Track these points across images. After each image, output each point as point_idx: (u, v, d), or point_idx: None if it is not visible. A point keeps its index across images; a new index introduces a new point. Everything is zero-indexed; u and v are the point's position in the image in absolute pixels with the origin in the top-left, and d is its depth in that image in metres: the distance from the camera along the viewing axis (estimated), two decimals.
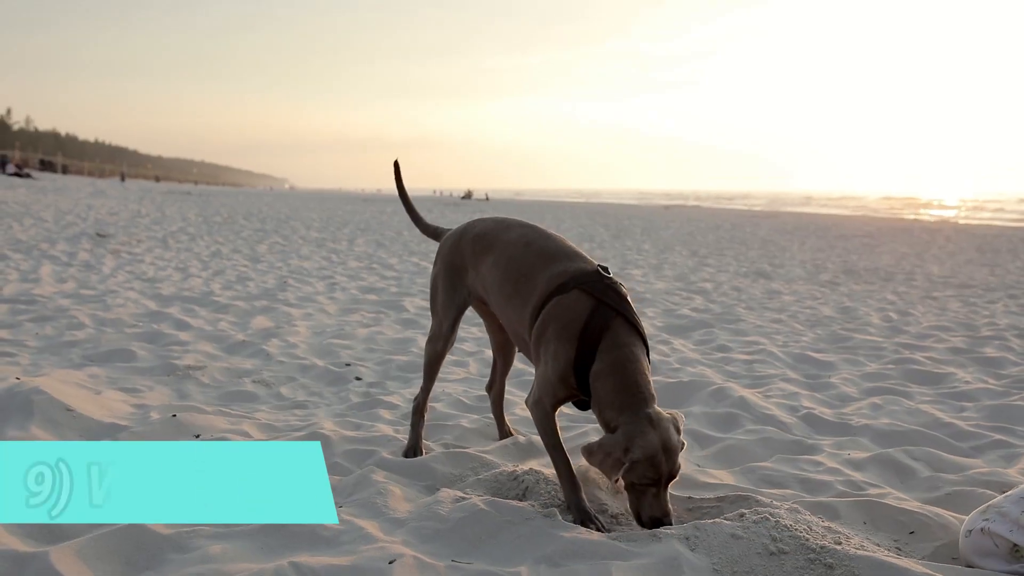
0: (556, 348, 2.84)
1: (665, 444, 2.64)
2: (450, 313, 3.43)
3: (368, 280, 10.00)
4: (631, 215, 35.37)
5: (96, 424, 3.61)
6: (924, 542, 2.81)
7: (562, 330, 2.84)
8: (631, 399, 2.71)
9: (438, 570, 2.39)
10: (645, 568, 2.41)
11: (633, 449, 2.60)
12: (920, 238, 22.76)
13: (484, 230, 3.33)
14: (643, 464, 2.60)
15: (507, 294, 3.13)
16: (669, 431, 2.68)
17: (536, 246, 3.12)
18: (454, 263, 3.40)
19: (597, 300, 2.84)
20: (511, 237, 3.21)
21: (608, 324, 2.80)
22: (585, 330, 2.80)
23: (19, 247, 11.44)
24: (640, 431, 2.63)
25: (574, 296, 2.87)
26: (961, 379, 5.26)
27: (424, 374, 3.54)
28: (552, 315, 2.89)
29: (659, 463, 2.62)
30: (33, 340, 5.48)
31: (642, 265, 13.19)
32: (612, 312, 2.82)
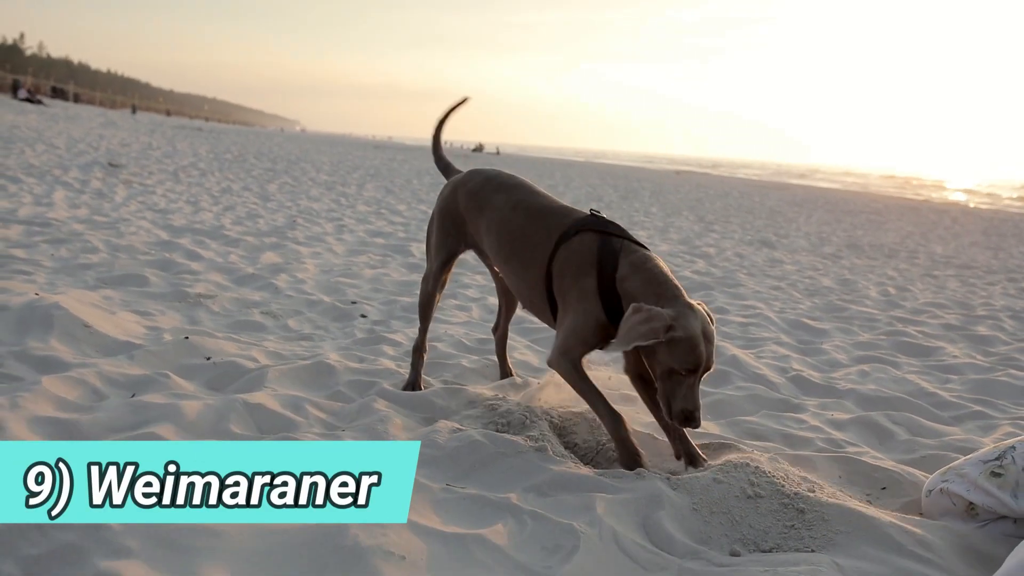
0: (580, 286, 2.91)
1: (705, 331, 2.69)
2: (440, 256, 3.54)
3: (376, 224, 10.12)
4: (641, 178, 35.34)
5: (112, 341, 3.76)
6: (894, 497, 2.96)
7: (578, 267, 2.92)
8: (665, 289, 2.77)
9: (433, 491, 2.54)
10: (627, 502, 2.55)
11: (676, 327, 2.62)
12: (927, 218, 22.79)
13: (476, 187, 3.41)
14: (684, 344, 2.62)
15: (505, 257, 3.24)
16: (707, 321, 2.73)
17: (524, 206, 3.21)
18: (448, 211, 3.50)
19: (602, 234, 2.94)
20: (499, 201, 3.29)
21: (620, 247, 2.90)
22: (601, 257, 2.88)
23: (32, 171, 11.53)
24: (683, 313, 2.67)
25: (578, 238, 2.96)
26: (950, 353, 5.39)
27: (420, 314, 3.66)
28: (564, 261, 2.97)
29: (699, 348, 2.64)
30: (49, 261, 5.62)
31: (648, 227, 13.28)
32: (619, 239, 2.93)
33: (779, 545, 2.47)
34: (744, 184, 39.82)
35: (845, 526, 2.52)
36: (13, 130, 20.40)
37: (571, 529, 2.33)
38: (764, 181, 48.21)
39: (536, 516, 2.41)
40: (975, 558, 2.47)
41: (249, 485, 1.93)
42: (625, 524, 2.46)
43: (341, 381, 3.60)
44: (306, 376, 3.61)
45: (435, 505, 2.48)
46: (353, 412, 3.23)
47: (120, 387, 3.22)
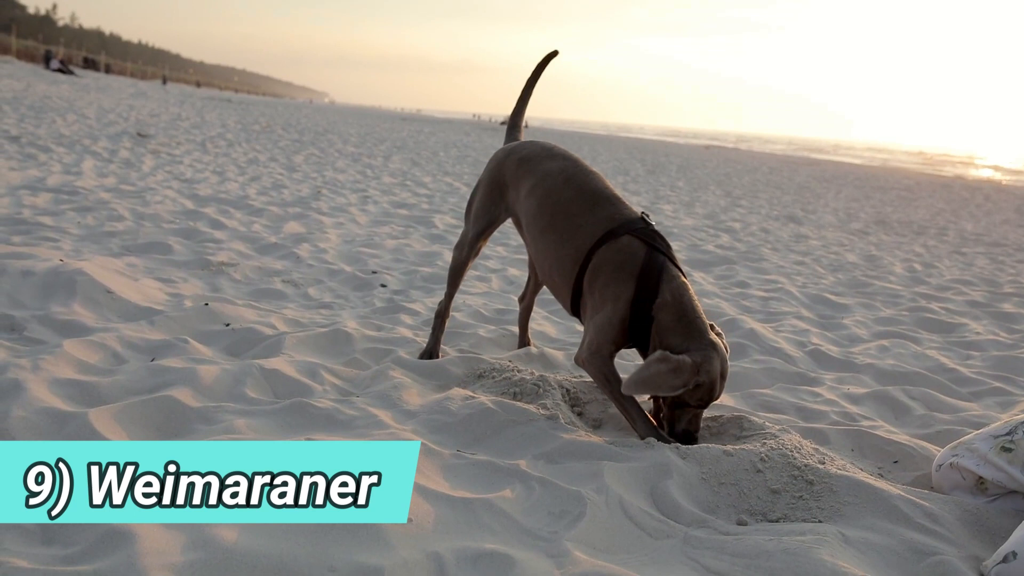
0: (616, 290, 2.93)
1: (723, 371, 2.82)
2: (479, 224, 3.51)
3: (400, 196, 10.15)
4: (669, 152, 35.13)
5: (133, 307, 3.82)
6: (906, 471, 2.95)
7: (618, 271, 2.94)
8: (694, 327, 2.84)
9: (443, 456, 2.57)
10: (635, 470, 2.57)
11: (701, 373, 2.74)
12: (959, 195, 22.50)
13: (529, 154, 3.38)
14: (704, 388, 2.77)
15: (541, 227, 3.20)
16: (726, 359, 2.85)
17: (576, 182, 3.18)
18: (496, 179, 3.47)
19: (648, 245, 2.96)
20: (552, 167, 3.26)
21: (664, 265, 2.93)
22: (643, 271, 2.90)
23: (62, 141, 11.65)
24: (707, 357, 2.77)
25: (626, 241, 2.97)
26: (973, 330, 5.35)
27: (448, 280, 3.64)
28: (606, 259, 2.98)
29: (715, 389, 2.80)
30: (75, 228, 5.69)
31: (674, 201, 13.23)
32: (662, 256, 2.96)
33: (787, 515, 2.48)
34: (774, 159, 39.47)
35: (853, 497, 2.52)
36: (45, 100, 20.60)
37: (578, 495, 2.36)
38: (794, 157, 47.72)
39: (544, 482, 2.44)
40: (983, 531, 2.47)
41: (249, 485, 1.91)
42: (632, 492, 2.48)
43: (358, 348, 3.64)
44: (323, 343, 3.65)
45: (444, 470, 2.51)
46: (368, 379, 3.27)
47: (140, 351, 3.28)
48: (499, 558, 2.00)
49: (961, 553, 2.30)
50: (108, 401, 2.74)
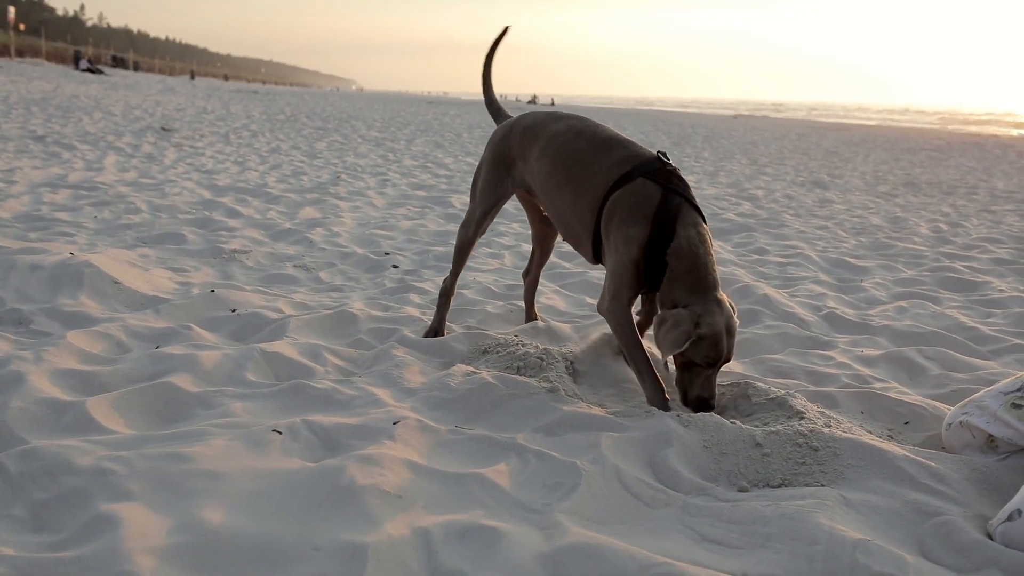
0: (629, 232, 2.86)
1: (729, 327, 2.75)
2: (486, 202, 3.48)
3: (420, 178, 10.14)
4: (697, 124, 34.78)
5: (140, 296, 3.84)
6: (916, 432, 2.90)
7: (631, 213, 2.86)
8: (701, 281, 2.78)
9: (439, 433, 2.55)
10: (634, 440, 2.54)
11: (702, 325, 2.68)
12: (991, 153, 22.07)
13: (534, 121, 3.35)
14: (708, 342, 2.69)
15: (557, 182, 3.14)
16: (732, 316, 2.79)
17: (587, 134, 3.14)
18: (502, 154, 3.43)
19: (664, 186, 2.87)
20: (559, 127, 3.22)
21: (680, 207, 2.84)
22: (659, 213, 2.83)
23: (87, 139, 11.76)
24: (709, 310, 2.72)
25: (640, 183, 2.89)
26: (996, 288, 5.24)
27: (454, 259, 3.61)
28: (620, 202, 2.91)
29: (721, 344, 2.72)
30: (92, 223, 5.74)
31: (697, 172, 13.09)
32: (679, 197, 2.87)
33: (789, 481, 2.43)
34: (803, 126, 38.95)
35: (857, 460, 2.47)
36: (73, 99, 20.84)
37: (573, 467, 2.33)
38: (823, 123, 47.04)
39: (540, 455, 2.41)
40: (990, 490, 2.41)
41: None
42: (630, 461, 2.44)
43: (363, 329, 3.63)
44: (328, 325, 3.65)
45: (440, 446, 2.50)
46: (371, 359, 3.26)
47: (144, 340, 3.29)
48: (487, 532, 1.98)
49: (967, 513, 2.25)
50: (109, 390, 2.75)
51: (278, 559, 1.84)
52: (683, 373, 2.81)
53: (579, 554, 1.89)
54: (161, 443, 2.35)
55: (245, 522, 1.95)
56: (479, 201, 3.50)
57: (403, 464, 2.27)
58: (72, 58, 58.54)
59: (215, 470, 2.17)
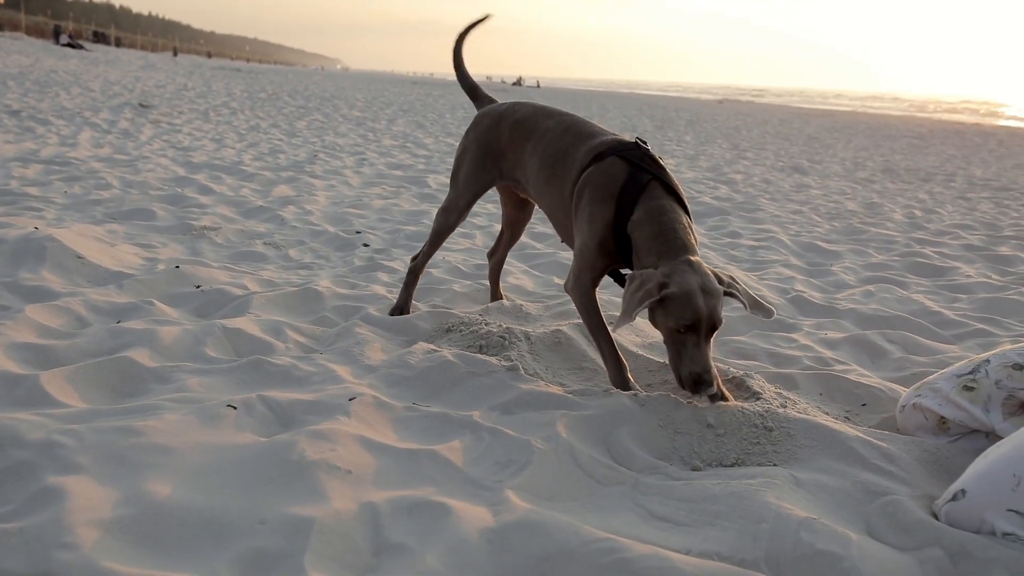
0: (592, 211, 2.82)
1: (704, 285, 2.55)
2: (470, 190, 3.41)
3: (398, 158, 10.10)
4: (680, 108, 34.77)
5: (103, 271, 3.81)
6: (873, 413, 2.92)
7: (598, 192, 2.82)
8: (670, 245, 2.66)
9: (395, 409, 2.55)
10: (590, 419, 2.54)
11: (670, 284, 2.53)
12: (972, 141, 22.19)
13: (525, 116, 3.29)
14: (679, 301, 2.51)
15: (545, 177, 3.11)
16: (710, 276, 2.60)
17: (574, 129, 3.10)
18: (489, 144, 3.36)
19: (633, 165, 2.82)
20: (550, 124, 3.18)
21: (645, 185, 2.77)
22: (623, 191, 2.77)
23: (63, 114, 11.65)
24: (678, 269, 2.57)
25: (610, 162, 2.85)
26: (964, 273, 5.28)
27: (429, 240, 3.55)
28: (588, 181, 2.87)
29: (696, 303, 2.51)
30: (61, 198, 5.69)
31: (678, 155, 13.10)
32: (648, 176, 2.80)
33: (742, 460, 2.45)
34: (786, 111, 39.00)
35: (810, 440, 2.50)
36: (51, 74, 20.62)
37: (527, 444, 2.34)
38: (807, 108, 47.11)
39: (495, 432, 2.42)
40: (940, 470, 2.44)
41: None
42: (585, 440, 2.45)
43: (328, 306, 3.62)
44: (293, 302, 3.64)
45: (395, 423, 2.50)
46: (333, 336, 3.26)
47: (105, 315, 3.27)
48: (435, 507, 1.98)
49: (915, 492, 2.27)
50: (65, 364, 2.73)
51: (223, 532, 1.84)
52: (670, 348, 2.61)
53: (523, 530, 1.90)
54: (113, 417, 2.35)
55: (192, 496, 1.95)
56: (463, 189, 3.43)
57: (356, 440, 2.27)
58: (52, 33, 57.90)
59: (166, 444, 2.16)
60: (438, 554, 1.82)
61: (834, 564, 1.89)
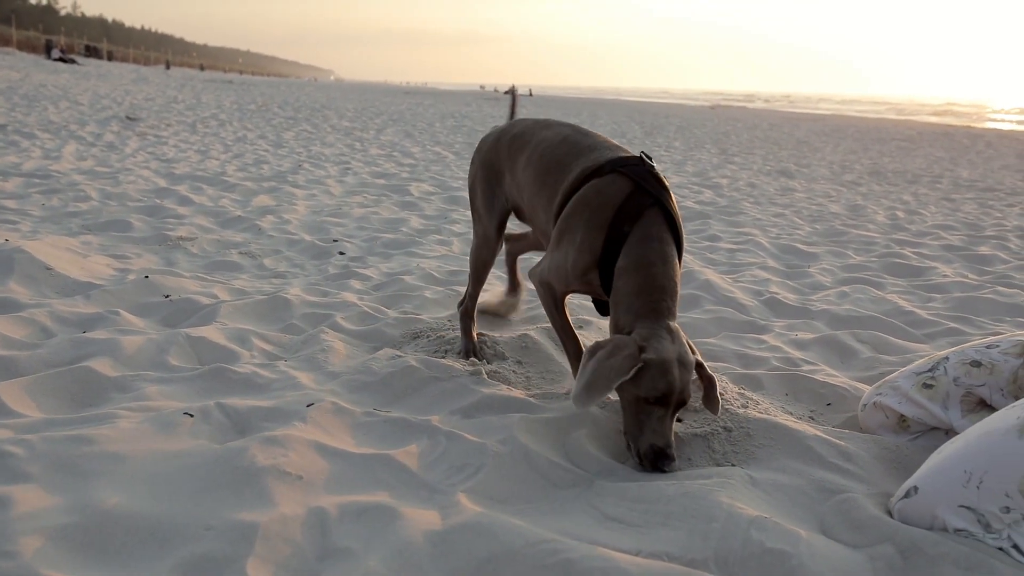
0: (584, 237, 2.58)
1: (681, 357, 2.37)
2: (493, 218, 3.15)
3: (383, 167, 10.10)
4: (671, 114, 34.83)
5: (72, 282, 3.81)
6: (837, 412, 2.92)
7: (592, 216, 2.57)
8: (652, 307, 2.44)
9: (354, 415, 2.55)
10: (548, 421, 2.54)
11: (648, 350, 2.32)
12: (960, 143, 22.24)
13: (522, 129, 3.07)
14: (655, 371, 2.31)
15: (536, 189, 2.87)
16: (686, 347, 2.42)
17: (571, 140, 2.85)
18: (492, 165, 3.13)
19: (635, 184, 2.56)
20: (547, 135, 2.94)
21: (642, 212, 2.53)
22: (617, 217, 2.53)
23: (49, 127, 11.65)
24: (657, 335, 2.37)
25: (610, 179, 2.59)
26: (940, 273, 5.28)
27: (471, 279, 3.26)
28: (583, 199, 2.61)
29: (672, 375, 2.32)
30: (38, 210, 5.68)
31: (666, 161, 13.12)
32: (649, 200, 2.54)
33: (699, 461, 2.45)
34: (777, 116, 39.09)
35: (769, 440, 2.50)
36: (40, 89, 20.63)
37: (483, 448, 2.33)
38: (797, 113, 47.20)
39: (452, 436, 2.41)
40: (899, 469, 2.44)
41: None
42: (542, 442, 2.44)
43: (296, 314, 3.62)
44: (262, 310, 3.64)
45: (353, 429, 2.49)
46: (299, 343, 3.25)
47: (70, 325, 3.27)
48: (384, 510, 1.97)
49: (871, 491, 2.26)
50: (25, 374, 2.73)
51: (168, 539, 1.83)
52: (630, 417, 2.40)
53: (469, 532, 1.89)
54: (68, 426, 2.34)
55: (140, 503, 1.94)
56: (486, 221, 3.17)
57: (309, 446, 2.26)
58: (44, 47, 57.96)
59: (118, 452, 2.16)
60: (381, 557, 1.81)
61: (783, 562, 1.88)
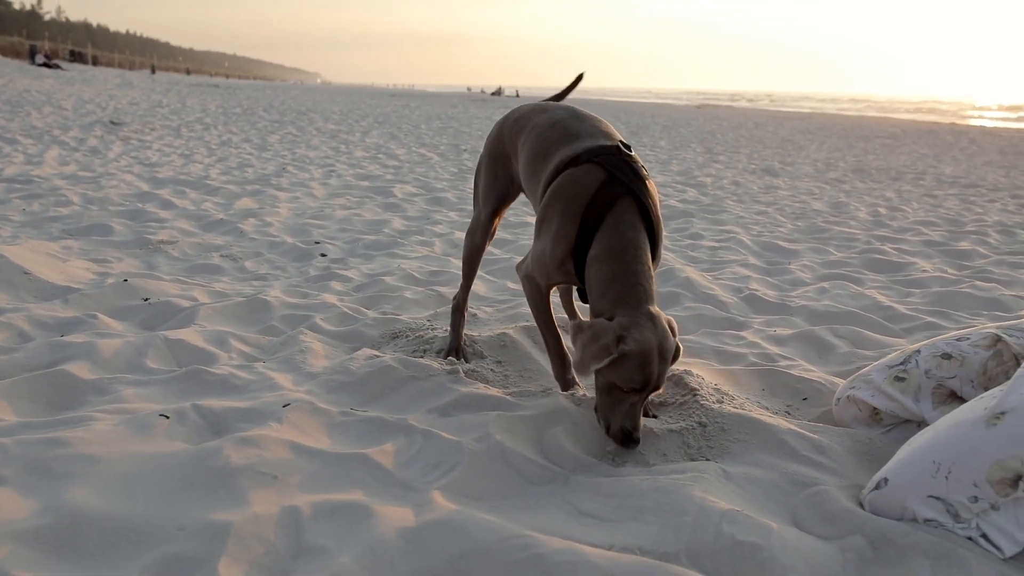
0: (559, 227, 2.57)
1: (661, 346, 2.35)
2: (489, 202, 3.12)
3: (368, 169, 10.10)
4: (657, 113, 34.90)
5: (50, 286, 3.80)
6: (813, 407, 2.94)
7: (567, 206, 2.56)
8: (628, 291, 2.42)
9: (330, 415, 2.55)
10: (525, 419, 2.55)
11: (627, 340, 2.31)
12: (944, 140, 22.37)
13: (523, 113, 3.05)
14: (633, 361, 2.31)
15: (527, 176, 2.87)
16: (667, 334, 2.39)
17: (563, 124, 2.80)
18: (496, 149, 3.12)
19: (609, 174, 2.55)
20: (542, 119, 2.91)
21: (615, 202, 2.51)
22: (590, 207, 2.52)
23: (31, 133, 11.60)
24: (637, 324, 2.34)
25: (584, 169, 2.57)
26: (920, 268, 5.32)
27: (463, 270, 3.24)
28: (558, 189, 2.60)
29: (650, 366, 2.33)
30: (19, 215, 5.67)
31: (651, 160, 13.15)
32: (623, 189, 2.53)
33: (674, 456, 2.47)
34: (763, 115, 39.21)
35: (743, 435, 2.51)
36: (24, 94, 20.52)
37: (458, 446, 2.34)
38: (782, 111, 47.35)
39: (428, 435, 2.42)
40: (872, 462, 2.45)
41: None
42: (518, 440, 2.46)
43: (275, 316, 3.62)
44: (241, 312, 3.64)
45: (330, 428, 2.50)
46: (278, 345, 3.26)
47: (48, 329, 3.27)
48: (358, 509, 1.98)
49: (843, 483, 2.28)
50: (1, 378, 2.72)
51: (141, 539, 1.84)
52: (604, 397, 2.43)
53: (442, 528, 1.90)
54: (43, 429, 2.34)
55: (113, 504, 1.94)
56: (482, 204, 3.15)
57: (284, 445, 2.27)
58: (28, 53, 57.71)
59: (93, 454, 2.16)
60: (354, 555, 1.82)
61: (754, 554, 1.90)
